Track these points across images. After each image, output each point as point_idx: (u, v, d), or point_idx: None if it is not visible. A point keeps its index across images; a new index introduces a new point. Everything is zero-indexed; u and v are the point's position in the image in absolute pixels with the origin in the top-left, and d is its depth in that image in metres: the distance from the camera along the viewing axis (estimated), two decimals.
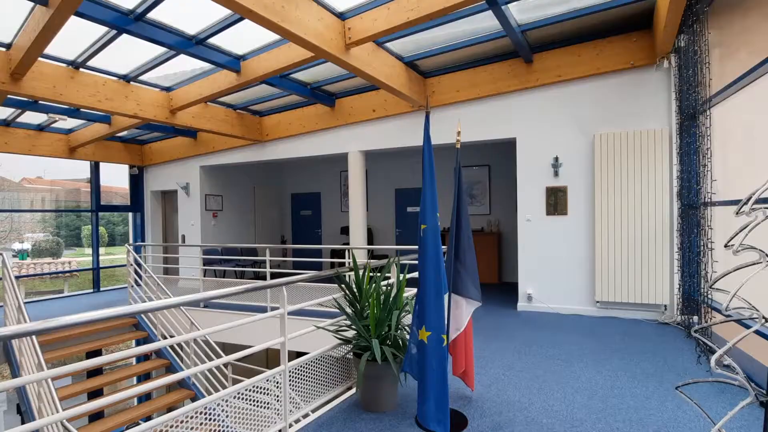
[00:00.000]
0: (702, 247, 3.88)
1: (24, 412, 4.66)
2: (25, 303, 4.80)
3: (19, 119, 7.44)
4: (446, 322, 2.57)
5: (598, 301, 5.48)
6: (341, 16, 4.50)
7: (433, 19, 4.05)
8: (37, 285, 13.23)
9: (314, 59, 4.77)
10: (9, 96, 5.30)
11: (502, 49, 5.64)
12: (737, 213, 1.89)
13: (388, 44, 5.32)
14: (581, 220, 5.65)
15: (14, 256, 14.11)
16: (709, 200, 3.77)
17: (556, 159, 5.74)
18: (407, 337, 2.96)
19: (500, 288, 7.91)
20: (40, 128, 8.08)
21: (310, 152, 7.97)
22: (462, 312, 2.86)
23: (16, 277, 5.45)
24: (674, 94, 4.89)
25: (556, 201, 5.79)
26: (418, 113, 6.78)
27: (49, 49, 4.39)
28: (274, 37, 4.80)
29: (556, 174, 5.77)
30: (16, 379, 3.11)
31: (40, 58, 4.67)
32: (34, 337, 4.23)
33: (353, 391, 3.23)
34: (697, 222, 4.01)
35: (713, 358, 1.34)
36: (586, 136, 5.60)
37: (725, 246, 1.96)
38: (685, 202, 4.45)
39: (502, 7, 4.32)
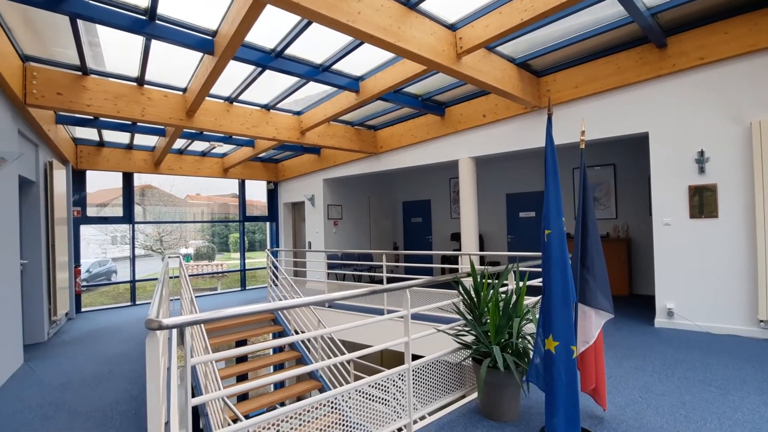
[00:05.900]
0: None
1: (194, 387, 5.70)
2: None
3: (188, 148, 9.20)
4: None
5: (762, 321, 4.59)
6: (452, 27, 4.61)
7: (549, 15, 3.88)
8: (199, 283, 15.93)
9: (426, 72, 4.98)
10: (184, 130, 6.62)
11: (628, 36, 5.16)
12: None
13: (498, 48, 5.27)
14: (736, 223, 4.82)
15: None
16: None
17: (701, 153, 5.00)
18: (529, 345, 2.91)
19: (631, 301, 7.12)
20: (203, 154, 9.88)
21: (421, 161, 8.22)
22: (591, 324, 2.70)
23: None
24: None
25: (701, 202, 5.03)
26: (530, 115, 6.54)
27: (212, 89, 5.35)
28: (388, 56, 5.14)
29: (701, 170, 5.02)
30: (200, 357, 3.82)
31: (206, 98, 5.74)
32: (203, 325, 5.17)
33: (470, 398, 3.27)
34: None
35: None
36: (739, 124, 4.78)
37: None
38: None
39: None
